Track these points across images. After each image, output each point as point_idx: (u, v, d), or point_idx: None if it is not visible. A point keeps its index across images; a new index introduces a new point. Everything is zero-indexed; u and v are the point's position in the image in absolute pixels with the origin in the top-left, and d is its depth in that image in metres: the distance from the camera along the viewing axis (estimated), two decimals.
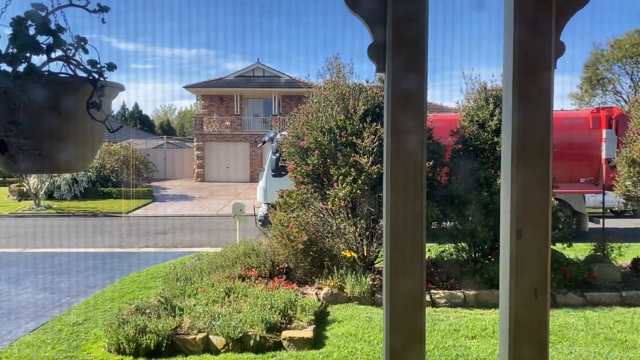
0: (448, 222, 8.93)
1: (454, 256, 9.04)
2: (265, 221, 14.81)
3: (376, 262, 8.85)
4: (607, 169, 13.74)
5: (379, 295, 7.76)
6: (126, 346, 5.89)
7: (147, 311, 6.57)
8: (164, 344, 5.91)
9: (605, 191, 12.94)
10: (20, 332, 6.83)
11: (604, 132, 13.79)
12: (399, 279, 1.72)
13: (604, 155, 13.82)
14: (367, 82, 9.13)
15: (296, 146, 8.91)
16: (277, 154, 15.16)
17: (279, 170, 15.02)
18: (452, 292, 7.90)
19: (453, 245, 9.06)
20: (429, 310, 7.39)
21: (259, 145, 18.09)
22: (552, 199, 9.32)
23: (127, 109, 68.66)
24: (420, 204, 1.67)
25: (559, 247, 9.05)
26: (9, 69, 1.41)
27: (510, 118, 1.62)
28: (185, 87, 36.40)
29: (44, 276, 10.40)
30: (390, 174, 1.65)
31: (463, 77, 9.54)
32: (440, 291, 7.92)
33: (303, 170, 8.73)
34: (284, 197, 9.06)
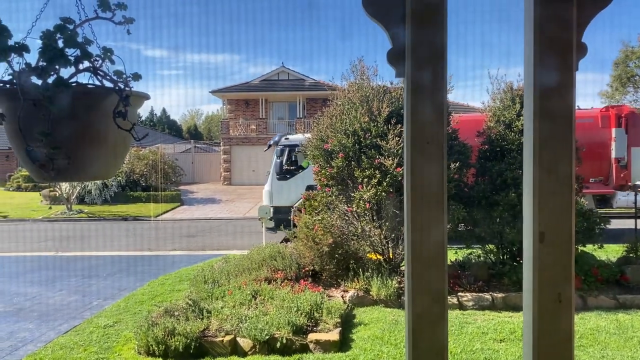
0: (475, 224, 8.82)
1: (482, 258, 8.93)
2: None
3: (402, 264, 8.81)
4: (617, 168, 13.42)
5: (405, 298, 7.71)
6: (155, 348, 5.99)
7: (176, 313, 6.67)
8: (192, 346, 5.99)
9: (616, 191, 12.66)
10: (53, 334, 7.02)
11: (614, 131, 13.48)
12: (421, 281, 1.72)
13: (613, 155, 13.50)
14: (392, 83, 9.11)
15: (320, 149, 8.93)
16: (282, 158, 15.28)
17: (283, 174, 15.20)
18: (480, 294, 7.81)
19: (480, 247, 8.95)
20: (456, 313, 7.31)
21: (265, 150, 18.25)
22: (579, 199, 9.08)
23: (156, 114, 69.86)
24: (442, 208, 1.67)
25: (589, 248, 8.86)
26: (39, 82, 1.47)
27: (531, 120, 1.61)
28: (211, 91, 36.86)
29: (76, 279, 10.65)
30: (411, 176, 1.65)
31: (489, 77, 9.42)
32: (467, 294, 7.84)
33: (327, 173, 8.75)
34: (309, 199, 9.09)
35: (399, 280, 8.06)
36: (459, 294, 7.81)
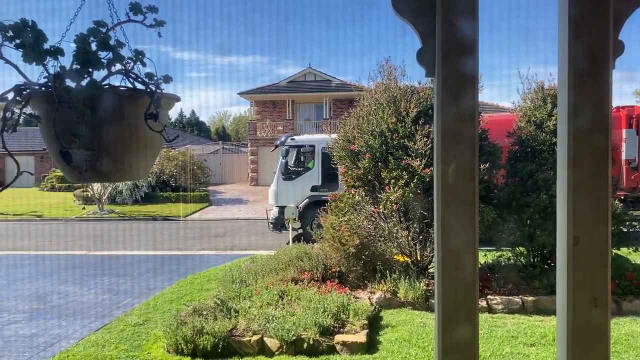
0: (505, 226, 8.68)
1: (512, 261, 8.78)
2: (276, 224, 15.10)
3: (430, 266, 8.72)
4: (628, 170, 13.02)
5: (433, 301, 7.63)
6: (184, 347, 6.06)
7: (204, 313, 6.74)
8: (220, 346, 6.04)
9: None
10: (85, 332, 7.17)
11: (624, 132, 13.07)
12: (451, 284, 1.69)
13: (624, 157, 13.10)
14: (419, 83, 9.03)
15: (347, 150, 8.91)
16: (287, 158, 15.37)
17: (289, 174, 15.28)
18: (510, 297, 7.67)
19: (510, 249, 8.79)
20: (485, 316, 7.21)
21: (272, 150, 18.38)
22: (615, 202, 8.84)
23: (185, 116, 70.90)
24: (473, 209, 1.64)
25: (624, 251, 8.62)
26: (72, 84, 1.50)
27: (566, 120, 1.57)
28: (239, 93, 37.22)
29: (107, 278, 10.87)
30: (442, 177, 1.63)
31: (519, 76, 9.25)
32: (497, 297, 7.71)
33: (354, 174, 8.72)
34: (335, 200, 9.08)
35: (426, 282, 7.98)
36: (488, 296, 7.69)
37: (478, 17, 1.60)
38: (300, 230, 14.49)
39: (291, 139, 16.05)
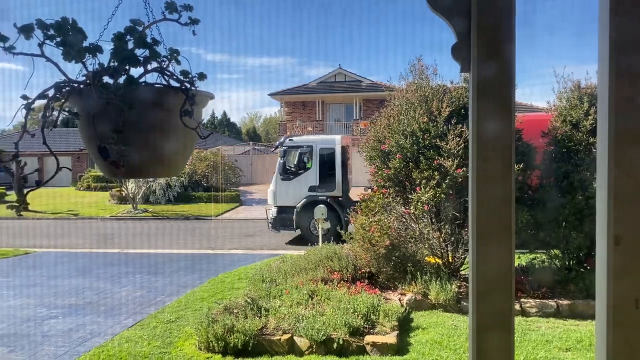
0: (539, 228, 8.49)
1: (546, 263, 8.59)
2: (275, 224, 15.29)
3: (462, 268, 8.61)
4: None
5: (465, 303, 7.53)
6: (215, 344, 6.13)
7: (235, 311, 6.80)
8: (250, 344, 6.09)
9: None
10: (119, 328, 7.32)
11: None
12: (486, 290, 1.66)
13: None
14: (452, 83, 8.93)
15: (377, 150, 8.87)
16: (285, 159, 15.47)
17: (287, 174, 15.45)
18: (544, 301, 7.51)
19: (544, 252, 8.60)
20: (518, 319, 7.07)
21: (272, 150, 18.60)
22: None
23: (216, 117, 71.80)
24: (509, 209, 1.61)
25: None
26: (111, 81, 1.53)
27: (606, 119, 1.52)
28: (270, 94, 37.46)
29: (141, 275, 11.08)
30: (476, 177, 1.60)
31: (554, 75, 9.05)
32: (530, 300, 7.56)
33: (384, 174, 8.67)
34: (365, 200, 9.04)
35: (458, 284, 7.87)
36: (522, 299, 7.54)
37: (515, 10, 1.57)
38: (327, 230, 14.57)
39: (289, 140, 16.25)
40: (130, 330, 7.17)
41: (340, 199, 15.04)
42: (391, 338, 6.21)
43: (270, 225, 15.50)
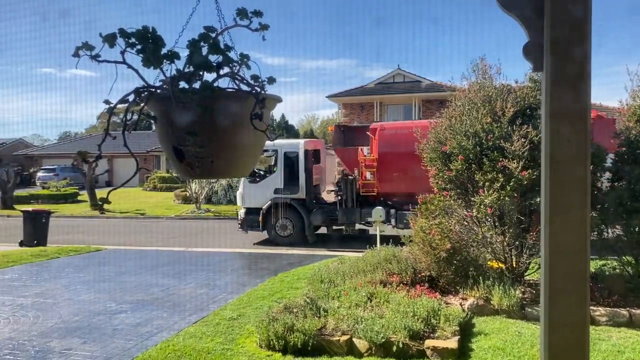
0: (610, 233, 8.09)
1: (617, 270, 8.16)
2: (243, 224, 15.83)
3: (526, 274, 8.32)
4: None
5: (529, 309, 7.28)
6: (275, 343, 6.22)
7: (295, 310, 6.88)
8: (310, 344, 6.13)
9: None
10: (184, 324, 7.57)
11: None
12: (558, 297, 1.61)
13: None
14: (516, 82, 8.66)
15: (438, 151, 8.72)
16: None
17: (254, 177, 16.00)
18: (615, 309, 7.14)
19: (616, 258, 8.18)
20: None
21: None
22: None
23: (275, 120, 72.86)
24: (584, 212, 1.55)
25: None
26: (186, 86, 1.60)
27: None
28: (327, 96, 37.56)
29: (204, 273, 11.41)
30: (550, 177, 1.56)
31: (627, 73, 8.59)
32: (600, 308, 7.20)
33: (445, 176, 8.51)
34: (425, 203, 8.91)
35: (522, 290, 7.62)
36: (591, 307, 7.20)
37: (591, 7, 1.52)
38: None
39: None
40: (194, 326, 7.40)
41: (304, 201, 15.50)
42: (452, 343, 6.09)
43: (239, 225, 16.14)
